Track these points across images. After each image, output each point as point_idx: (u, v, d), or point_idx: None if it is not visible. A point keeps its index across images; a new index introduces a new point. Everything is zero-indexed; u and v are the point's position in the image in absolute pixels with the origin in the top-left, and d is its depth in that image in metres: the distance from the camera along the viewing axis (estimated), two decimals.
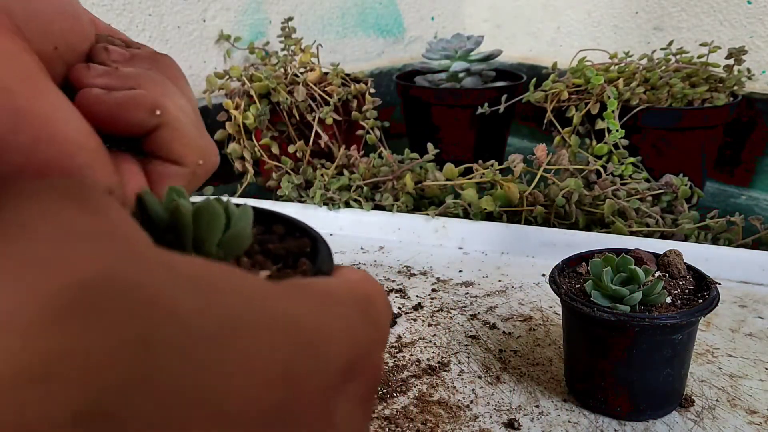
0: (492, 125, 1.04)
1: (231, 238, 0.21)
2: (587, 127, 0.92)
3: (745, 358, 0.57)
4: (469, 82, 1.04)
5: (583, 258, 0.53)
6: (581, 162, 0.87)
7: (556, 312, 0.65)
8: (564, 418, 0.50)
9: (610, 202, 0.78)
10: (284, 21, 1.03)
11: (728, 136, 1.00)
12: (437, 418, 0.50)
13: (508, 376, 0.55)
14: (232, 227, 0.21)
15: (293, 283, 0.19)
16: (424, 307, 0.67)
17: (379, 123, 0.95)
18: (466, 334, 0.62)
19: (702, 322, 0.60)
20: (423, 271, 0.75)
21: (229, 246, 0.21)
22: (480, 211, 0.80)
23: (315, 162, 0.94)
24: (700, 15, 1.03)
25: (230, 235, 0.21)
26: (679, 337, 0.47)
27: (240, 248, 0.21)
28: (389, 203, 0.84)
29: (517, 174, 0.83)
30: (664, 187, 0.82)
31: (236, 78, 0.97)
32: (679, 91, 0.88)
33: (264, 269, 0.21)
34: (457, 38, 1.06)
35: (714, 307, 0.47)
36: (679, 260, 0.51)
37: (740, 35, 0.99)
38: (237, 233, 0.21)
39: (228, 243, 0.21)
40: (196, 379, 0.14)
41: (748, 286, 0.70)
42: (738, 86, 0.91)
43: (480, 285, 0.71)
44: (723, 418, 0.50)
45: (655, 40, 1.08)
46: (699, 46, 0.94)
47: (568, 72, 0.95)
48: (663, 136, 0.90)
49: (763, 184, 1.00)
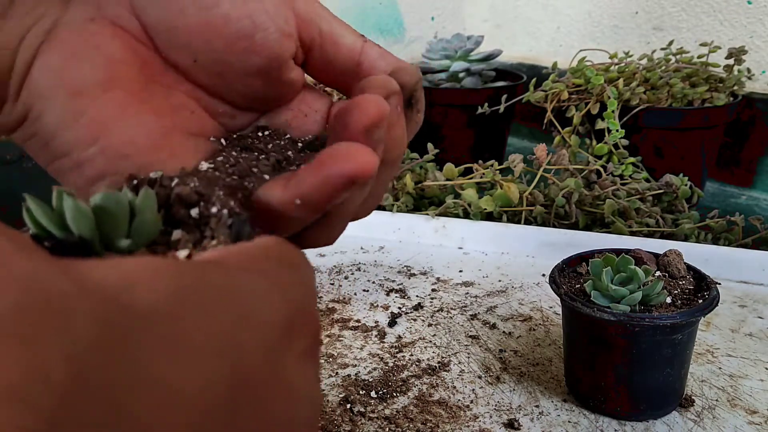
0: (492, 125, 1.04)
1: (138, 226, 0.20)
2: (587, 127, 0.92)
3: (745, 358, 0.57)
4: (469, 82, 1.04)
5: (583, 258, 0.53)
6: (581, 162, 0.87)
7: (556, 312, 0.65)
8: (564, 418, 0.50)
9: (610, 202, 0.78)
10: None
11: (728, 136, 1.00)
12: (437, 418, 0.50)
13: (508, 376, 0.55)
14: (137, 216, 0.20)
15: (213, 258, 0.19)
16: (424, 307, 0.67)
17: None
18: (466, 334, 0.62)
19: (702, 322, 0.60)
20: (423, 271, 0.75)
21: (139, 234, 0.20)
22: (480, 211, 0.80)
23: None
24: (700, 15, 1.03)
25: (136, 224, 0.20)
26: (679, 337, 0.47)
27: (150, 235, 0.20)
28: (389, 203, 0.84)
29: (517, 174, 0.83)
30: (664, 187, 0.82)
31: None
32: (679, 91, 0.88)
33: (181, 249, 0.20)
34: (457, 38, 1.06)
35: (714, 307, 0.47)
36: (679, 260, 0.51)
37: (740, 35, 0.99)
38: (143, 221, 0.20)
39: (136, 233, 0.20)
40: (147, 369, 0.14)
41: (748, 286, 0.70)
42: (738, 86, 0.91)
43: (480, 285, 0.71)
44: (723, 418, 0.50)
45: (655, 40, 1.08)
46: (699, 46, 0.94)
47: (568, 72, 0.95)
48: (663, 136, 0.90)
49: (763, 184, 1.00)
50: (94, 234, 0.19)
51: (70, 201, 0.19)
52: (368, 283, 0.72)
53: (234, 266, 0.19)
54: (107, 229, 0.19)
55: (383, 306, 0.67)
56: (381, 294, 0.69)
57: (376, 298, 0.69)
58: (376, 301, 0.68)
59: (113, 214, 0.19)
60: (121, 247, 0.20)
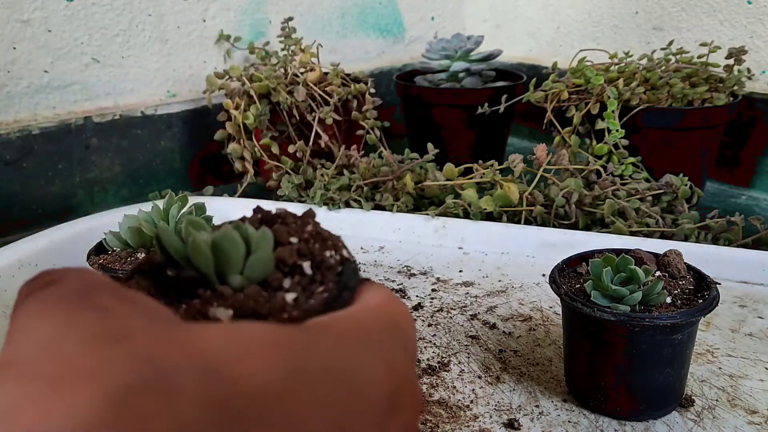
0: (492, 125, 1.04)
1: (252, 264, 0.21)
2: (587, 127, 0.92)
3: (745, 358, 0.57)
4: (469, 82, 1.04)
5: (583, 258, 0.53)
6: (581, 162, 0.87)
7: (556, 312, 0.65)
8: (564, 418, 0.50)
9: (610, 202, 0.78)
10: (284, 21, 1.03)
11: (728, 136, 1.00)
12: (437, 418, 0.50)
13: (508, 376, 0.55)
14: (252, 253, 0.21)
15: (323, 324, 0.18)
16: (424, 307, 0.67)
17: (379, 123, 0.95)
18: (466, 334, 0.62)
19: (702, 322, 0.60)
20: (423, 271, 0.75)
21: (252, 272, 0.21)
22: (480, 211, 0.80)
23: (315, 162, 0.94)
24: (700, 15, 1.03)
25: (251, 262, 0.21)
26: (679, 337, 0.47)
27: (263, 272, 0.21)
28: (389, 203, 0.84)
29: (517, 174, 0.83)
30: (664, 187, 0.82)
31: (236, 78, 0.97)
32: (679, 91, 0.88)
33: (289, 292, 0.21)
34: (457, 38, 1.06)
35: (714, 307, 0.47)
36: (679, 260, 0.51)
37: (740, 35, 0.99)
38: (257, 259, 0.21)
39: (250, 269, 0.21)
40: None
41: (748, 286, 0.70)
42: (738, 86, 0.91)
43: (480, 285, 0.71)
44: (723, 418, 0.49)
45: (655, 40, 1.08)
46: (699, 46, 0.94)
47: (568, 72, 0.95)
48: (663, 136, 0.90)
49: (763, 184, 1.00)
50: (211, 269, 0.20)
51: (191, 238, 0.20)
52: None
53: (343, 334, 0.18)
54: (222, 265, 0.20)
55: None
56: None
57: None
58: None
59: (228, 252, 0.20)
60: (233, 283, 0.20)
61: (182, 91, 1.03)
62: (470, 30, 1.35)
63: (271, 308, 0.20)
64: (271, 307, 0.20)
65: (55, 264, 0.67)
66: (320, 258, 0.22)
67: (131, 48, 0.97)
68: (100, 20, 0.93)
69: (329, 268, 0.22)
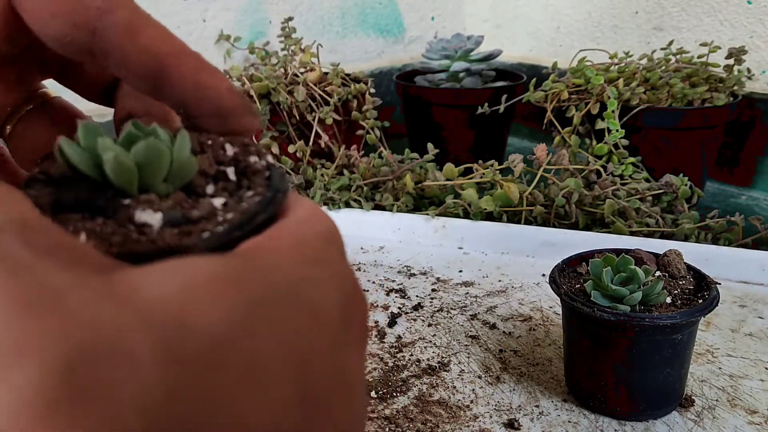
0: (492, 125, 1.04)
1: (176, 171, 0.19)
2: (587, 127, 0.92)
3: (745, 358, 0.57)
4: (469, 82, 1.04)
5: (583, 258, 0.53)
6: (581, 162, 0.87)
7: (556, 312, 0.65)
8: (564, 418, 0.50)
9: (610, 202, 0.78)
10: (284, 21, 1.03)
11: (728, 136, 1.00)
12: (437, 418, 0.50)
13: (508, 376, 0.55)
14: (175, 160, 0.19)
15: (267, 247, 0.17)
16: (424, 307, 0.67)
17: (379, 123, 0.95)
18: (466, 334, 0.62)
19: (702, 322, 0.60)
20: (423, 271, 0.75)
21: (175, 179, 0.19)
22: (480, 211, 0.80)
23: (315, 162, 0.94)
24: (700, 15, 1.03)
25: (175, 168, 0.19)
26: (679, 337, 0.47)
27: (186, 178, 0.20)
28: (389, 203, 0.84)
29: (517, 174, 0.83)
30: (664, 187, 0.82)
31: (236, 78, 0.97)
32: (679, 91, 0.88)
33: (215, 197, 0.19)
34: (457, 38, 1.06)
35: (714, 307, 0.47)
36: (679, 260, 0.51)
37: (740, 35, 0.99)
38: (181, 165, 0.19)
39: (173, 176, 0.19)
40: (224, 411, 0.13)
41: (748, 286, 0.70)
42: (738, 86, 0.91)
43: (480, 285, 0.71)
44: (723, 418, 0.49)
45: (655, 40, 1.08)
46: (699, 46, 0.94)
47: (568, 72, 0.95)
48: (663, 136, 0.90)
49: (763, 184, 1.00)
50: (134, 183, 0.18)
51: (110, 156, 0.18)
52: (368, 283, 0.72)
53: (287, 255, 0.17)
54: (147, 179, 0.19)
55: (383, 306, 0.67)
56: (381, 294, 0.69)
57: (376, 298, 0.68)
58: (376, 301, 0.68)
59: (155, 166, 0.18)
60: (160, 190, 0.19)
61: None
62: (470, 30, 1.35)
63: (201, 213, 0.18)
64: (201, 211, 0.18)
65: None
66: (244, 163, 0.21)
67: None
68: None
69: (256, 172, 0.21)
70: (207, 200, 0.19)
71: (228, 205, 0.19)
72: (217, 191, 0.20)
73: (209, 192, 0.20)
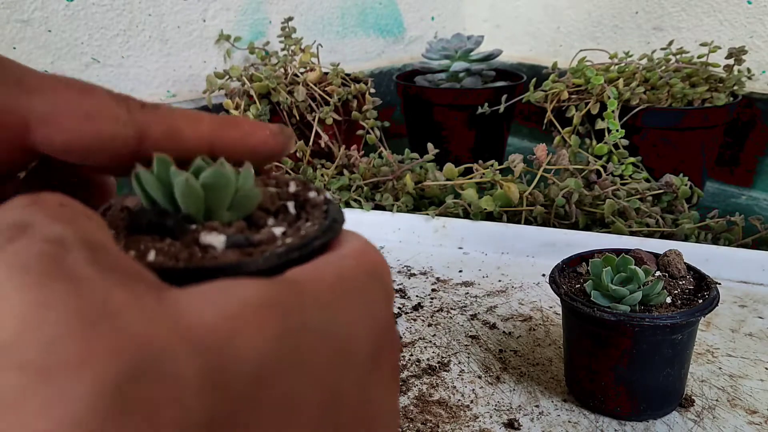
0: (492, 125, 1.04)
1: (239, 200, 0.21)
2: (587, 127, 0.92)
3: (745, 358, 0.57)
4: (469, 82, 1.04)
5: (583, 258, 0.53)
6: (581, 162, 0.87)
7: (556, 312, 0.65)
8: (564, 418, 0.50)
9: (610, 202, 0.78)
10: (284, 21, 1.03)
11: (728, 136, 1.00)
12: (437, 418, 0.50)
13: (508, 376, 0.55)
14: (239, 190, 0.21)
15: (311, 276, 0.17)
16: (424, 307, 0.67)
17: (379, 123, 0.95)
18: (466, 334, 0.62)
19: (702, 322, 0.60)
20: (423, 271, 0.75)
21: (238, 208, 0.21)
22: (480, 211, 0.80)
23: (315, 162, 0.94)
24: (700, 15, 1.03)
25: (239, 197, 0.21)
26: (679, 337, 0.47)
27: (249, 208, 0.21)
28: (389, 203, 0.84)
29: (517, 174, 0.83)
30: (664, 187, 0.82)
31: (236, 78, 0.97)
32: (679, 91, 0.88)
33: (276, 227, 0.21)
34: (457, 38, 1.06)
35: (714, 307, 0.47)
36: (679, 260, 0.51)
37: (740, 35, 0.99)
38: (245, 195, 0.21)
39: (237, 205, 0.21)
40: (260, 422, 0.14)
41: (748, 286, 0.70)
42: (738, 86, 0.91)
43: (480, 285, 0.71)
44: (723, 418, 0.49)
45: (655, 40, 1.08)
46: (699, 46, 0.94)
47: (568, 72, 0.95)
48: (663, 136, 0.90)
49: (763, 184, 1.00)
50: (201, 209, 0.20)
51: (181, 179, 0.19)
52: None
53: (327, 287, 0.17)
54: (212, 205, 0.20)
55: None
56: None
57: None
58: None
59: (220, 190, 0.20)
60: (224, 217, 0.20)
61: (182, 91, 1.03)
62: (470, 30, 1.35)
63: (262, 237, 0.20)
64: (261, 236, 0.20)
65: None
66: (303, 198, 0.22)
67: (131, 48, 0.97)
68: (100, 20, 0.93)
69: (314, 206, 0.22)
70: (268, 229, 0.21)
71: (287, 233, 0.20)
72: (277, 222, 0.21)
73: (270, 223, 0.21)
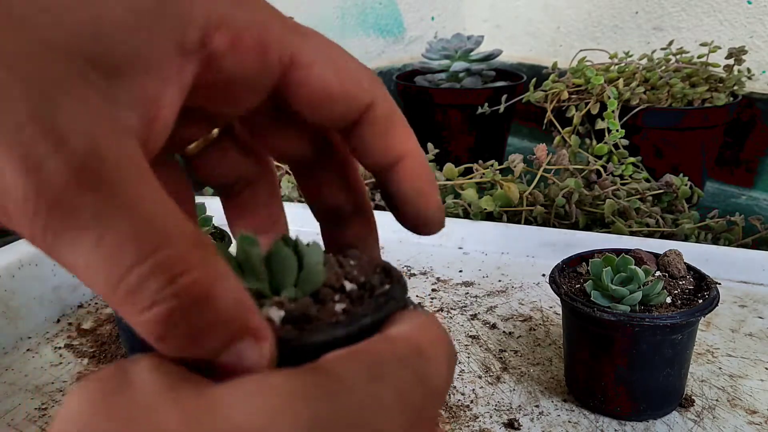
0: (492, 125, 1.04)
1: (305, 277, 0.22)
2: (587, 127, 0.92)
3: (745, 358, 0.57)
4: (469, 82, 1.04)
5: (583, 258, 0.53)
6: (581, 162, 0.87)
7: (556, 312, 0.65)
8: (564, 418, 0.50)
9: (611, 202, 0.78)
10: None
11: (728, 136, 1.00)
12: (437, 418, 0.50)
13: (508, 376, 0.55)
14: (304, 267, 0.22)
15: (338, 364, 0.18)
16: (424, 307, 0.67)
17: None
18: (466, 334, 0.62)
19: (702, 322, 0.60)
20: (423, 271, 0.75)
21: (305, 284, 0.22)
22: (480, 211, 0.80)
23: None
24: (700, 15, 1.03)
25: (304, 275, 0.22)
26: (679, 337, 0.47)
27: (315, 284, 0.22)
28: None
29: (517, 174, 0.83)
30: (664, 187, 0.82)
31: None
32: (679, 91, 0.88)
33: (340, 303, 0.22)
34: (457, 38, 1.06)
35: (714, 307, 0.47)
36: (679, 260, 0.51)
37: (740, 35, 0.99)
38: (309, 272, 0.22)
39: (303, 282, 0.22)
40: None
41: (748, 286, 0.70)
42: (738, 86, 0.91)
43: (480, 285, 0.71)
44: (723, 418, 0.50)
45: (655, 40, 1.08)
46: (699, 46, 0.94)
47: (568, 72, 0.95)
48: (663, 136, 0.90)
49: (763, 184, 1.00)
50: (265, 283, 0.22)
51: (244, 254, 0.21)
52: None
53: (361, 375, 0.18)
54: (277, 279, 0.22)
55: None
56: None
57: None
58: None
59: (281, 266, 0.22)
60: (290, 294, 0.22)
61: None
62: (470, 30, 1.35)
63: (319, 314, 0.21)
64: (320, 312, 0.21)
65: (55, 264, 0.67)
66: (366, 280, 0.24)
67: None
68: None
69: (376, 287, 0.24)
70: (330, 305, 0.22)
71: (347, 311, 0.22)
72: (343, 299, 0.22)
73: (336, 299, 0.22)
